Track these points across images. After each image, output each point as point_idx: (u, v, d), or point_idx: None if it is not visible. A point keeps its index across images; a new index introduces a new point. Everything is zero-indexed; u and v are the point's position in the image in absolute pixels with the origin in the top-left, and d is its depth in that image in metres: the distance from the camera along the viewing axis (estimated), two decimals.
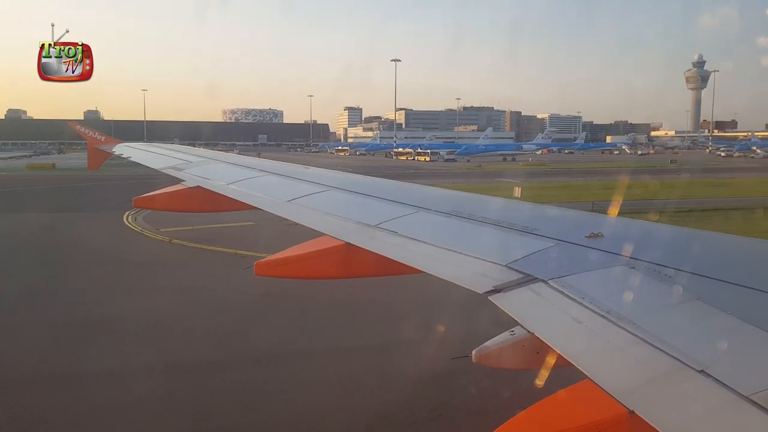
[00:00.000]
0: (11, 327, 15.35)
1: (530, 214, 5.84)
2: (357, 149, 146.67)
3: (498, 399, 9.73)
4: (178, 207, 9.20)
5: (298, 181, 8.00)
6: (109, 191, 46.88)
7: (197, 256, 24.06)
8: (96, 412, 10.85)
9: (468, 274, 4.16)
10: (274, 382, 12.19)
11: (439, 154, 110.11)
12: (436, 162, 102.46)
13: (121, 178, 52.39)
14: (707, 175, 66.80)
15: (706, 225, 23.67)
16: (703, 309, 3.17)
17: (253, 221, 28.34)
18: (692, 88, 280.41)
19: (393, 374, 12.14)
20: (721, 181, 56.18)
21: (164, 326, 15.47)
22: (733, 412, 2.34)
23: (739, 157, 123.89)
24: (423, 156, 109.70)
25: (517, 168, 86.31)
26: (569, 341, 3.15)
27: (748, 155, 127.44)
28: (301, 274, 5.90)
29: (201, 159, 10.90)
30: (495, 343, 3.45)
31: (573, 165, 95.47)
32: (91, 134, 15.66)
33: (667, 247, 4.27)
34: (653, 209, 27.69)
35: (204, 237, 26.32)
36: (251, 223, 28.23)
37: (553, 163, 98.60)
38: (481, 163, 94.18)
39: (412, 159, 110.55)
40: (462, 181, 58.78)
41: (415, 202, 6.14)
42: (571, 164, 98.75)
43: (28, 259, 23.76)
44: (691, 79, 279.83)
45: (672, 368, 2.67)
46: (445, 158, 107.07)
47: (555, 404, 2.90)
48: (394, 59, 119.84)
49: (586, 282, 3.65)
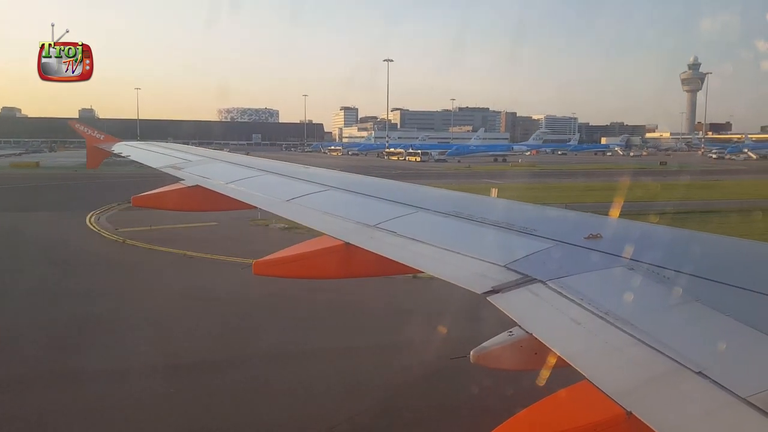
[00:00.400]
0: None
1: (529, 214, 5.84)
2: (350, 149, 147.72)
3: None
4: (177, 206, 9.18)
5: (298, 180, 7.99)
6: (84, 191, 46.88)
7: (143, 257, 23.51)
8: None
9: (467, 274, 4.16)
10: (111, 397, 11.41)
11: (429, 154, 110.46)
12: (426, 162, 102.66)
13: (104, 177, 52.49)
14: (693, 177, 66.36)
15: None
16: (701, 311, 3.17)
17: (217, 222, 28.51)
18: (688, 90, 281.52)
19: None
20: (704, 184, 55.80)
21: (53, 331, 14.89)
22: (730, 413, 2.34)
23: (731, 159, 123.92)
24: (414, 156, 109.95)
25: (505, 168, 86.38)
26: (568, 342, 3.15)
27: (740, 157, 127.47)
28: (299, 273, 5.89)
29: (200, 158, 10.89)
30: (493, 343, 3.45)
31: (562, 166, 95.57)
32: (90, 133, 15.61)
33: (666, 249, 4.28)
34: (627, 212, 27.29)
35: (161, 238, 25.96)
36: (215, 223, 28.33)
37: (543, 164, 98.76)
38: (471, 164, 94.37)
39: (403, 159, 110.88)
40: (445, 181, 58.40)
41: (415, 202, 6.14)
42: (560, 165, 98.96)
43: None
44: (686, 81, 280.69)
45: (670, 369, 2.67)
46: (435, 159, 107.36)
47: (553, 405, 2.89)
48: (386, 59, 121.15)
49: (585, 283, 3.65)
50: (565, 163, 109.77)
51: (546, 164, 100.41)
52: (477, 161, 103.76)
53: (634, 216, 8.56)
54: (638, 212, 24.76)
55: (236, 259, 20.65)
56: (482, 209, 5.76)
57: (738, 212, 33.39)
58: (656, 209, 29.74)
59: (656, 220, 24.76)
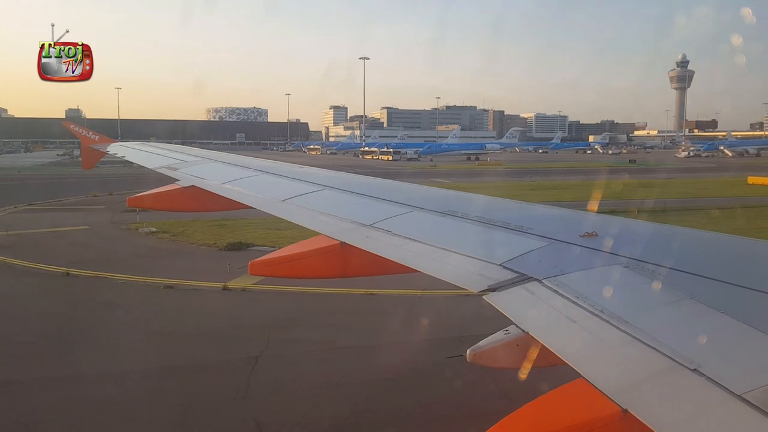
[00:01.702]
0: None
1: (525, 213, 5.85)
2: (328, 148, 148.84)
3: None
4: (173, 206, 9.17)
5: (293, 180, 7.98)
6: (7, 192, 44.38)
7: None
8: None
9: (462, 273, 4.16)
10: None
11: (400, 153, 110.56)
12: (398, 161, 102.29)
13: (42, 177, 51.86)
14: (648, 175, 65.37)
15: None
16: (696, 308, 3.18)
17: (88, 225, 28.02)
18: (676, 87, 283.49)
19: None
20: (649, 182, 54.86)
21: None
22: (725, 410, 2.34)
23: (708, 157, 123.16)
24: (386, 155, 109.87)
25: (469, 167, 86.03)
26: (563, 340, 3.15)
27: (717, 155, 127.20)
28: (295, 273, 5.89)
29: (196, 158, 10.86)
30: (489, 342, 3.45)
31: (530, 165, 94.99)
32: (84, 133, 15.56)
33: (661, 246, 4.28)
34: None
35: (5, 244, 24.06)
36: (85, 227, 27.81)
37: (511, 163, 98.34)
38: (439, 163, 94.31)
39: (377, 158, 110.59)
40: (398, 179, 56.80)
41: (410, 202, 6.14)
42: (528, 164, 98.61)
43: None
44: (674, 79, 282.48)
45: (665, 367, 2.67)
46: (408, 157, 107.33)
47: (549, 403, 2.90)
48: (362, 57, 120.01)
49: (581, 281, 3.66)
50: (536, 161, 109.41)
51: (515, 162, 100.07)
52: (449, 160, 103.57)
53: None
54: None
55: (51, 268, 19.29)
56: (478, 208, 5.78)
57: (635, 212, 32.20)
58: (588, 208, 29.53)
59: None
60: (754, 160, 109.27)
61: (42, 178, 52.46)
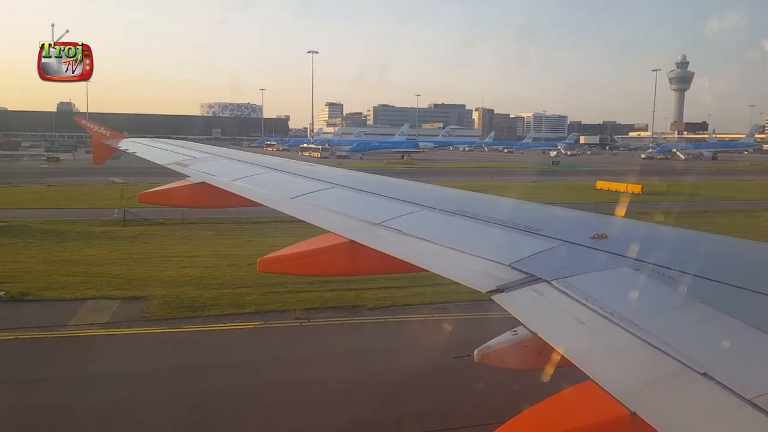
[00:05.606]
0: None
1: (535, 214, 5.83)
2: (283, 144, 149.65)
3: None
4: (183, 203, 9.23)
5: (303, 178, 8.00)
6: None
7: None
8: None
9: (471, 273, 4.15)
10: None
11: (330, 150, 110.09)
12: (327, 158, 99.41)
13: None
14: (553, 178, 63.53)
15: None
16: (706, 312, 3.16)
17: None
18: (675, 88, 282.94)
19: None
20: (536, 186, 53.40)
21: None
22: (735, 415, 2.33)
23: (662, 160, 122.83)
24: (315, 152, 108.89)
25: (386, 166, 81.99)
26: (572, 342, 3.14)
27: (671, 158, 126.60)
28: (304, 271, 5.91)
29: (207, 155, 10.91)
30: (497, 342, 3.44)
31: (458, 164, 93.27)
32: (96, 129, 15.61)
33: (672, 250, 4.26)
34: None
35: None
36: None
37: (438, 162, 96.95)
38: (366, 161, 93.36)
39: (311, 155, 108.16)
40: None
41: (420, 201, 6.14)
42: (458, 163, 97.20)
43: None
44: (674, 80, 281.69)
45: (675, 370, 2.66)
46: (337, 155, 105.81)
47: (557, 404, 2.89)
48: (310, 51, 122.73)
49: (590, 283, 3.64)
50: (466, 160, 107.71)
51: (443, 162, 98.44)
52: (378, 158, 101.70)
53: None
54: None
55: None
56: (487, 208, 5.76)
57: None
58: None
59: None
60: (686, 163, 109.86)
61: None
